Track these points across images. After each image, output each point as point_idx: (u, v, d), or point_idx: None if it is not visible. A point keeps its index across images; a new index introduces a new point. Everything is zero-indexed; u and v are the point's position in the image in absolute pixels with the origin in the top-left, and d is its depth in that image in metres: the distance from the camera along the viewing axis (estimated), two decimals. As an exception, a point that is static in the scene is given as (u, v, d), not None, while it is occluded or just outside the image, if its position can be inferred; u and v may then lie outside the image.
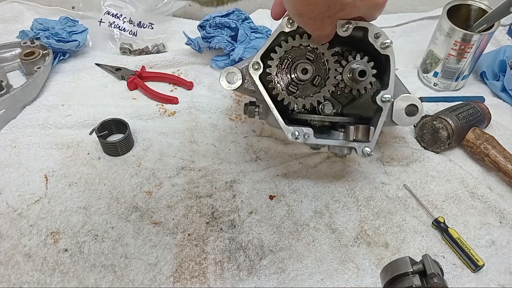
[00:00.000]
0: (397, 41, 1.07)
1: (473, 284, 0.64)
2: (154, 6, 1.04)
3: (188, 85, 0.94)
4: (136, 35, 1.03)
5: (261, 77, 0.62)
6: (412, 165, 0.79)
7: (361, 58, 0.63)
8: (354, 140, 0.63)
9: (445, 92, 0.94)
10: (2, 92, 0.83)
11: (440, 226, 0.69)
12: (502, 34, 1.07)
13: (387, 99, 0.61)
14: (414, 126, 0.84)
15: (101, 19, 1.01)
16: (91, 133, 0.81)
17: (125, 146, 0.80)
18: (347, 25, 0.57)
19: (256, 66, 0.62)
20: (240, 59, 0.94)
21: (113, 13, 1.02)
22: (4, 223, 0.69)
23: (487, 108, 0.83)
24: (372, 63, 0.62)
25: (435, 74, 0.92)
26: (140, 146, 0.82)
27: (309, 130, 0.62)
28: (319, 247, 0.68)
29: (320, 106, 0.66)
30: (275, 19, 0.63)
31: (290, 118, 0.65)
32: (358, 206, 0.73)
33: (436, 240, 0.69)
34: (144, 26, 1.03)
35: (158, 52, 1.02)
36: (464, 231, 0.69)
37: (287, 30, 0.60)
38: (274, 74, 0.63)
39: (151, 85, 0.93)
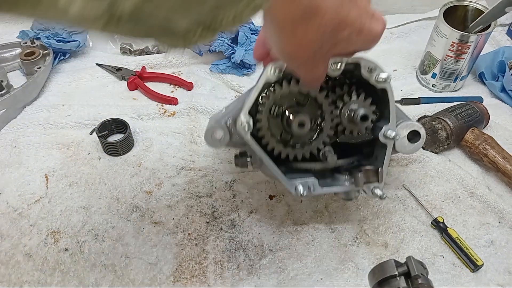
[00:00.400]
0: (395, 42, 1.08)
1: (472, 283, 0.64)
2: (154, 7, 1.04)
3: (188, 86, 0.94)
4: (136, 36, 1.03)
5: (252, 132, 0.56)
6: (411, 165, 0.79)
7: (357, 96, 0.57)
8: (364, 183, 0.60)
9: (444, 93, 0.94)
10: (3, 92, 0.83)
11: (439, 226, 0.69)
12: (502, 35, 1.08)
13: (391, 136, 0.56)
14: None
15: (101, 20, 1.02)
16: (91, 133, 0.81)
17: (126, 146, 0.80)
18: (338, 63, 0.51)
19: (246, 126, 0.54)
20: (241, 62, 0.94)
21: (113, 14, 1.02)
22: (5, 222, 0.69)
23: (485, 108, 0.83)
24: (370, 99, 0.57)
25: (434, 75, 0.93)
26: (140, 146, 0.82)
27: (313, 181, 0.58)
28: (319, 247, 0.68)
29: (321, 154, 0.60)
30: (258, 60, 0.57)
31: (287, 165, 0.60)
32: (357, 205, 0.74)
33: (435, 240, 0.69)
34: (144, 27, 1.04)
35: (158, 52, 1.03)
36: (463, 231, 0.70)
37: (273, 79, 0.53)
38: (266, 128, 0.57)
39: (151, 85, 0.93)
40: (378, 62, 0.55)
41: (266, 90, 0.56)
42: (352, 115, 0.57)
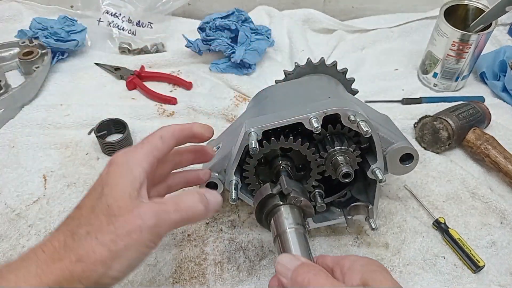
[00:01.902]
0: (396, 42, 1.07)
1: (473, 284, 0.64)
2: (153, 5, 1.03)
3: (187, 85, 0.93)
4: (135, 35, 1.02)
5: (242, 186, 0.60)
6: (412, 166, 0.79)
7: (341, 144, 0.57)
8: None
9: (445, 93, 0.94)
10: (1, 91, 0.82)
11: (440, 227, 0.69)
12: (503, 34, 1.07)
13: (379, 178, 0.57)
14: (414, 126, 0.84)
15: (100, 18, 1.01)
16: (89, 133, 0.81)
17: (124, 146, 0.79)
18: (313, 119, 0.52)
19: (234, 186, 0.58)
20: (241, 61, 0.93)
21: (112, 12, 1.01)
22: (3, 223, 0.69)
23: (487, 108, 0.83)
24: (353, 146, 0.57)
25: (435, 75, 0.92)
26: (139, 146, 0.81)
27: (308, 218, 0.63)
28: (319, 247, 0.68)
29: (311, 195, 0.63)
30: None
31: None
32: (358, 206, 0.73)
33: (436, 241, 0.68)
34: (143, 25, 1.03)
35: (157, 51, 1.02)
36: (464, 232, 0.69)
37: (253, 144, 0.53)
38: (254, 180, 0.61)
39: (150, 85, 0.93)
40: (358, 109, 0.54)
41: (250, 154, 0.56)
42: (335, 169, 0.57)
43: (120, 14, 1.02)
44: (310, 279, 0.39)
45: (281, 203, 0.52)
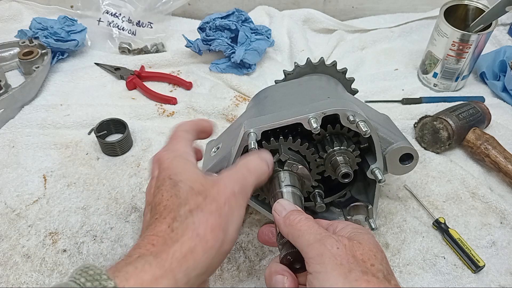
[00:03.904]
0: (397, 41, 1.07)
1: (473, 284, 0.64)
2: (153, 5, 1.03)
3: (187, 85, 0.93)
4: (135, 34, 1.02)
5: None
6: (412, 166, 0.79)
7: (340, 144, 0.57)
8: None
9: (445, 93, 0.94)
10: (1, 91, 0.82)
11: (440, 227, 0.69)
12: (503, 34, 1.07)
13: (378, 178, 0.57)
14: (414, 126, 0.84)
15: (100, 18, 1.01)
16: (89, 133, 0.81)
17: (124, 146, 0.79)
18: (312, 120, 0.52)
19: None
20: (241, 61, 0.93)
21: (112, 12, 1.01)
22: (3, 223, 0.69)
23: (487, 108, 0.83)
24: (352, 147, 0.57)
25: (435, 75, 0.92)
26: (139, 146, 0.81)
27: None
28: (319, 248, 0.68)
29: (311, 196, 0.62)
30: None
31: None
32: (358, 206, 0.73)
33: (436, 241, 0.68)
34: (143, 25, 1.03)
35: (157, 51, 1.02)
36: (464, 232, 0.69)
37: (253, 145, 0.52)
38: None
39: (150, 85, 0.93)
40: (359, 110, 0.54)
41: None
42: (335, 170, 0.57)
43: (120, 14, 1.02)
44: (301, 220, 0.44)
45: (279, 169, 0.54)
